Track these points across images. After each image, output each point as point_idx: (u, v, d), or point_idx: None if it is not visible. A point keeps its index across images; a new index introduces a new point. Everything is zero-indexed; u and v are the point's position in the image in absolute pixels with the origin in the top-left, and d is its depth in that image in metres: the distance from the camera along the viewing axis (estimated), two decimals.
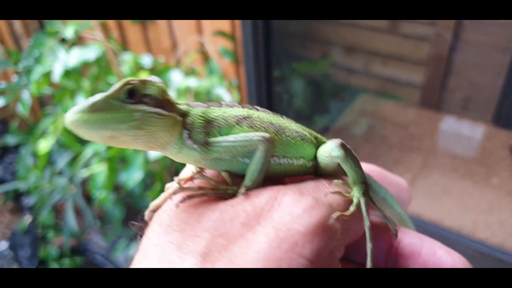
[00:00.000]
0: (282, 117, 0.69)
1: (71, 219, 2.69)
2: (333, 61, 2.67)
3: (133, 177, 2.15)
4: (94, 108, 0.53)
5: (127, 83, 0.56)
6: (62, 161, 2.57)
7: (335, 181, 0.62)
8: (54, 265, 3.04)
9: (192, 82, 2.03)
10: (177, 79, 2.05)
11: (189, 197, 0.58)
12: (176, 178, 0.64)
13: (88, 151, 2.28)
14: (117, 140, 0.57)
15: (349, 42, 2.56)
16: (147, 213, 0.59)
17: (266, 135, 0.61)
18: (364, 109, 2.75)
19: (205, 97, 2.06)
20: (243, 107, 0.66)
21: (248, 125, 0.64)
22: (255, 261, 0.48)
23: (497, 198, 2.11)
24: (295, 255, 0.50)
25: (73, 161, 2.57)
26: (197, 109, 0.64)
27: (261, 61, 1.99)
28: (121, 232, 2.74)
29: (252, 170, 0.61)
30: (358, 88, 2.83)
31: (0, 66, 2.58)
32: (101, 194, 2.28)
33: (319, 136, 0.74)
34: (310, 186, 0.60)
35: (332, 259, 0.55)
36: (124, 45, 2.68)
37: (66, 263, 3.06)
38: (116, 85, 0.56)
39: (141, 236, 0.58)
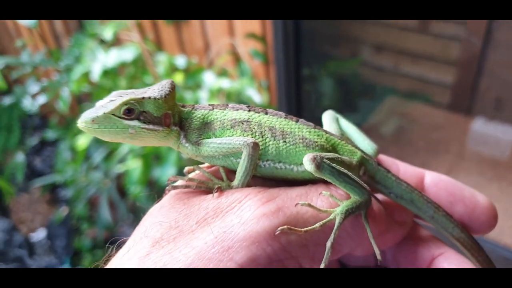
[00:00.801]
0: (297, 122, 0.71)
1: (105, 212, 2.80)
2: (363, 60, 2.67)
3: (167, 173, 2.23)
4: (95, 121, 0.65)
5: (125, 103, 0.66)
6: (98, 156, 2.68)
7: (324, 192, 0.64)
8: (87, 256, 3.16)
9: (225, 83, 2.09)
10: (210, 80, 2.12)
11: (186, 187, 0.66)
12: (186, 168, 0.74)
13: (124, 148, 2.37)
14: (117, 141, 0.70)
15: (379, 41, 2.56)
16: (166, 189, 0.67)
17: (249, 140, 0.66)
18: (393, 109, 2.74)
19: (236, 98, 2.13)
20: (249, 110, 0.71)
21: (242, 129, 0.69)
22: (188, 256, 0.53)
23: None
24: (225, 258, 0.53)
25: (108, 156, 2.67)
26: (199, 112, 0.73)
27: (291, 61, 2.03)
28: None
29: (238, 171, 0.66)
30: (387, 88, 2.82)
31: (43, 65, 2.70)
32: (135, 189, 2.37)
33: (345, 144, 0.73)
34: (287, 193, 0.61)
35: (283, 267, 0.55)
36: (159, 46, 2.76)
37: (99, 254, 3.18)
38: (117, 102, 0.66)
39: None
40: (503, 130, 2.40)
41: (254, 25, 2.26)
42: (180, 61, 2.34)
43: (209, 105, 0.73)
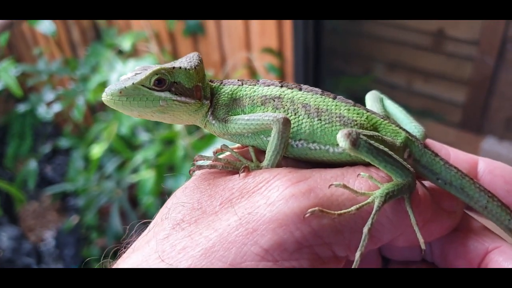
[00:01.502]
0: (334, 99, 0.65)
1: (116, 221, 2.79)
2: (376, 77, 2.69)
3: (180, 184, 2.23)
4: (123, 92, 0.61)
5: (155, 72, 0.62)
6: (111, 166, 2.69)
7: (362, 173, 0.58)
8: (95, 265, 3.14)
9: None
10: None
11: (212, 167, 0.62)
12: (214, 149, 0.69)
13: (138, 158, 2.38)
14: (145, 117, 0.66)
15: (392, 59, 2.58)
16: (190, 169, 0.65)
17: (279, 116, 0.61)
18: None
19: None
20: (281, 86, 0.67)
21: (273, 105, 0.65)
22: (210, 238, 0.50)
23: None
24: (249, 242, 0.49)
25: (121, 166, 2.68)
26: (227, 87, 0.68)
27: (310, 76, 2.05)
28: None
29: (268, 150, 0.61)
30: (400, 105, 2.83)
31: (59, 73, 2.72)
32: (148, 199, 2.38)
33: (388, 124, 0.67)
34: (321, 174, 0.56)
35: (314, 255, 0.51)
36: (176, 57, 2.79)
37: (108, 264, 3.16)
38: (147, 72, 0.63)
39: None
40: None
41: (270, 39, 2.28)
42: None
43: (238, 80, 0.69)
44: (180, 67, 0.64)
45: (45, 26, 2.17)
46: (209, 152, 0.67)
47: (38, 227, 3.61)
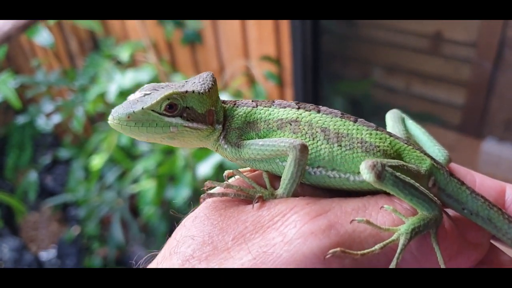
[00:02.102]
0: (355, 123, 0.61)
1: (117, 231, 2.79)
2: (374, 81, 2.69)
3: (181, 194, 2.23)
4: (131, 117, 0.58)
5: (168, 97, 0.58)
6: (111, 176, 2.68)
7: (385, 206, 0.54)
8: None
9: None
10: None
11: (223, 195, 0.58)
12: (226, 172, 0.65)
13: (138, 168, 2.38)
14: (153, 141, 0.62)
15: (391, 62, 2.58)
16: (201, 196, 0.60)
17: (296, 142, 0.57)
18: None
19: None
20: (298, 108, 0.63)
21: (291, 130, 0.61)
22: None
23: None
24: None
25: (122, 176, 2.68)
26: (241, 109, 0.64)
27: (308, 83, 2.05)
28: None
29: (283, 178, 0.58)
30: (399, 108, 2.83)
31: (57, 84, 2.72)
32: (149, 210, 2.38)
33: (412, 150, 0.63)
34: (341, 206, 0.53)
35: None
36: (174, 67, 2.79)
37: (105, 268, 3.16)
38: (158, 96, 0.58)
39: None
40: None
41: (268, 47, 2.28)
42: None
43: (252, 101, 0.65)
44: (194, 91, 0.60)
45: (43, 38, 2.16)
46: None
47: (39, 238, 3.61)
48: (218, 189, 0.59)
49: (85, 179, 2.80)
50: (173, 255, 0.52)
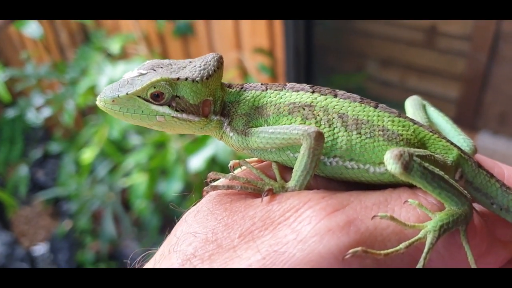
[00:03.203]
0: (376, 108, 0.56)
1: (109, 226, 2.77)
2: (369, 74, 2.67)
3: (173, 187, 2.21)
4: (116, 102, 0.54)
5: (154, 84, 0.54)
6: (102, 170, 2.66)
7: (410, 200, 0.49)
8: None
9: None
10: None
11: (229, 187, 0.53)
12: (231, 162, 0.59)
13: (129, 161, 2.35)
14: (144, 126, 0.58)
15: (385, 55, 2.57)
16: (204, 189, 0.55)
17: (311, 129, 0.51)
18: None
19: None
20: (313, 92, 0.57)
21: (303, 115, 0.55)
22: None
23: None
24: None
25: (113, 170, 2.65)
26: (249, 93, 0.59)
27: (301, 76, 2.03)
28: (157, 240, 2.81)
29: (295, 169, 0.53)
30: (393, 102, 2.82)
31: (47, 77, 2.69)
32: (141, 203, 2.35)
33: (438, 139, 0.57)
34: (361, 200, 0.48)
35: None
36: (166, 59, 2.76)
37: (102, 267, 3.15)
38: (145, 82, 0.54)
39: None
40: (509, 145, 2.39)
41: (261, 39, 2.26)
42: None
43: (261, 84, 0.59)
44: (187, 79, 0.54)
45: (32, 29, 2.12)
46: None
47: (31, 233, 3.58)
48: (222, 181, 0.55)
49: (76, 173, 2.77)
50: (172, 253, 0.47)
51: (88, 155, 2.35)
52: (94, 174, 2.71)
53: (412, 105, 0.69)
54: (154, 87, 0.54)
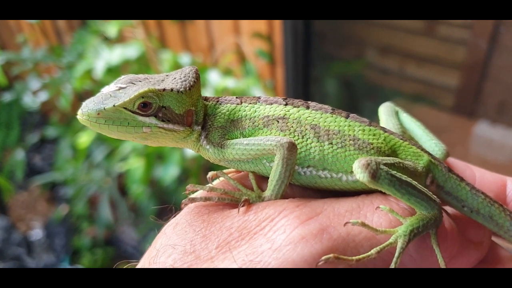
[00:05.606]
0: (347, 119, 0.58)
1: (105, 211, 2.77)
2: (368, 62, 2.66)
3: (169, 173, 2.20)
4: (101, 114, 0.54)
5: (142, 95, 0.54)
6: (99, 155, 2.65)
7: (381, 206, 0.51)
8: (87, 255, 3.13)
9: (230, 83, 2.06)
10: (215, 79, 2.09)
11: (206, 199, 0.54)
12: (209, 173, 0.61)
13: (126, 146, 2.34)
14: (124, 139, 0.59)
15: (384, 43, 2.56)
16: (182, 202, 0.56)
17: (283, 140, 0.54)
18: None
19: None
20: (286, 104, 0.59)
21: (278, 127, 0.57)
22: None
23: None
24: None
25: (110, 154, 2.65)
26: (224, 107, 0.60)
27: (300, 62, 2.01)
28: (154, 225, 2.81)
29: (271, 179, 0.55)
30: (392, 90, 2.82)
31: (44, 61, 2.66)
32: (137, 188, 2.35)
33: (408, 146, 0.59)
34: (334, 208, 0.50)
35: None
36: (163, 43, 2.73)
37: (99, 253, 3.15)
38: (132, 93, 0.54)
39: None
40: (505, 134, 2.39)
41: (260, 24, 2.24)
42: (185, 59, 2.31)
43: (236, 98, 0.61)
44: (172, 89, 0.56)
45: None
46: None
47: (27, 217, 3.58)
48: (200, 193, 0.56)
49: (73, 158, 2.76)
50: (152, 265, 0.49)
51: (84, 139, 2.34)
52: (91, 159, 2.70)
53: (385, 112, 0.72)
54: (143, 97, 0.54)
